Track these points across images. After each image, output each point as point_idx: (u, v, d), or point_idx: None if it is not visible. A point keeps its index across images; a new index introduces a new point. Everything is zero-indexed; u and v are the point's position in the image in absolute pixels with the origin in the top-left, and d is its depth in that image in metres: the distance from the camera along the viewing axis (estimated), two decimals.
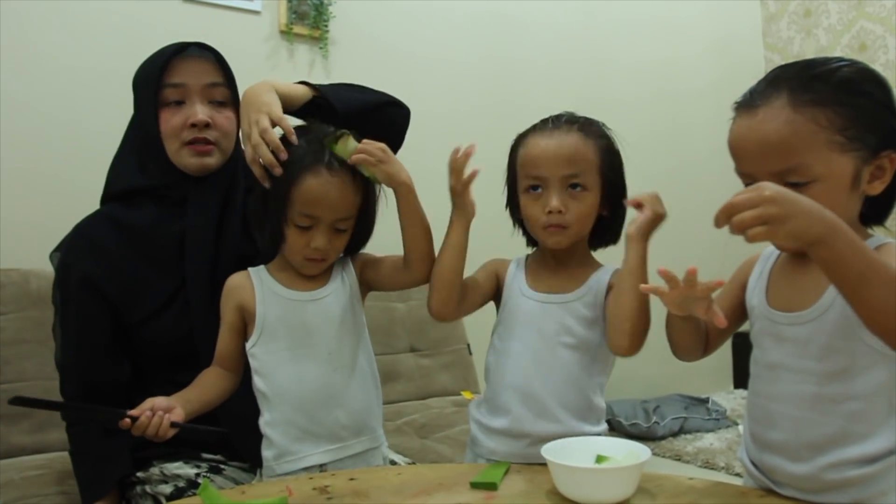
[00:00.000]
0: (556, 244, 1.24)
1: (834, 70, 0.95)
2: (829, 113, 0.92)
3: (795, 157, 0.92)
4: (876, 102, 0.94)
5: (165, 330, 1.38)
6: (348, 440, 1.24)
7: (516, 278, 1.29)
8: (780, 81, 0.96)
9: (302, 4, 2.53)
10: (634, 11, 3.38)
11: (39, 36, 2.10)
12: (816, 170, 0.92)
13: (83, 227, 1.43)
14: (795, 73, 0.96)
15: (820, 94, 0.92)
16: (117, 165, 1.47)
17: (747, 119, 0.96)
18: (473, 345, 2.49)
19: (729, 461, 2.48)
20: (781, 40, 3.73)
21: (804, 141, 0.92)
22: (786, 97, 0.93)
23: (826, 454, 0.94)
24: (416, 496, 1.04)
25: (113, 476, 1.34)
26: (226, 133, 1.40)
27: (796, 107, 0.93)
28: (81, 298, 1.37)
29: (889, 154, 0.94)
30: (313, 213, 1.20)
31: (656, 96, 3.45)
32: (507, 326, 1.27)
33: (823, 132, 0.92)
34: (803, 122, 0.92)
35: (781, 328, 0.99)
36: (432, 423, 2.15)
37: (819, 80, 0.94)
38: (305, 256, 1.23)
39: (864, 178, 0.94)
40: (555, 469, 1.00)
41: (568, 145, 1.21)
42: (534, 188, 1.23)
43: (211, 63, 1.39)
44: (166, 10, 2.29)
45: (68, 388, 1.40)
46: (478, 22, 2.95)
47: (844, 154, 0.92)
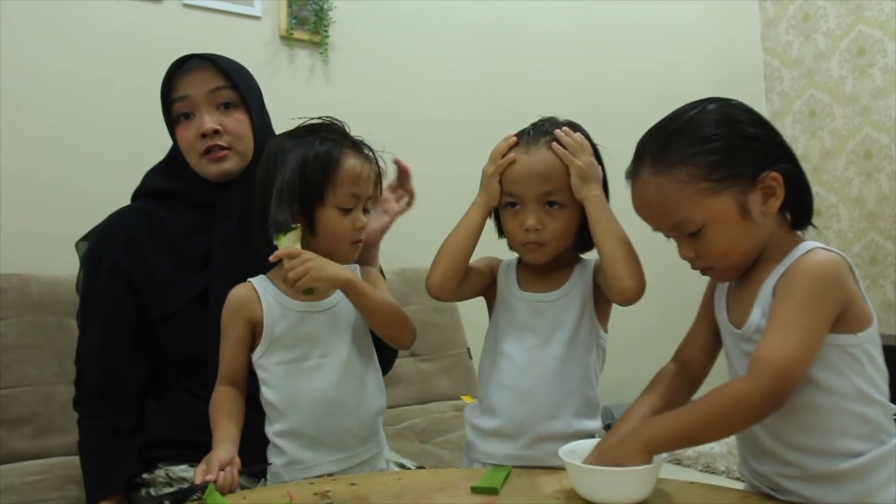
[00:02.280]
0: (535, 260, 1.25)
1: (683, 125, 1.01)
2: (689, 168, 0.98)
3: (676, 215, 1.00)
4: (731, 139, 0.99)
5: (181, 332, 1.39)
6: (357, 448, 1.25)
7: (508, 280, 1.30)
8: (643, 152, 1.04)
9: (302, 10, 2.53)
10: (633, 16, 3.39)
11: (39, 41, 2.10)
12: (698, 218, 0.99)
13: (118, 217, 1.45)
14: (651, 140, 1.04)
15: (673, 156, 0.99)
16: (156, 169, 1.51)
17: (633, 189, 1.05)
18: (473, 349, 2.49)
19: (729, 465, 2.48)
20: (780, 44, 3.74)
21: (675, 200, 0.99)
22: (648, 166, 1.02)
23: (810, 453, 0.96)
24: (416, 501, 1.04)
25: (121, 476, 1.35)
26: (238, 135, 1.42)
27: (658, 174, 1.00)
28: (111, 286, 1.39)
29: (768, 174, 0.98)
30: (357, 192, 1.23)
31: (656, 100, 3.42)
32: (500, 328, 1.27)
33: (689, 185, 0.98)
34: (667, 184, 0.99)
35: (740, 344, 1.02)
36: (432, 427, 2.15)
37: (671, 139, 1.01)
38: (352, 240, 1.25)
39: (753, 205, 0.98)
40: (573, 470, 1.01)
41: (543, 162, 1.21)
42: (512, 205, 1.24)
43: (210, 69, 1.41)
44: (167, 16, 2.29)
45: (88, 377, 1.40)
46: (478, 27, 2.95)
47: (719, 196, 0.98)
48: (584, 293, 1.24)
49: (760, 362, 0.91)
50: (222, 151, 1.39)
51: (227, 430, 1.20)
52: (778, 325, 0.92)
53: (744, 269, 1.03)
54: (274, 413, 1.23)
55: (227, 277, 1.36)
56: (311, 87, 2.56)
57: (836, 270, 0.94)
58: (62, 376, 1.71)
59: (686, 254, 1.03)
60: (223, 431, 1.20)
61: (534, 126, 1.26)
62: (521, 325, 1.25)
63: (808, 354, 0.91)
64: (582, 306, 1.23)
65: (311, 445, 1.21)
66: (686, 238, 1.02)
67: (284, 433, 1.21)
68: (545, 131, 1.24)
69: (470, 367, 2.49)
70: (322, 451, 1.22)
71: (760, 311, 0.98)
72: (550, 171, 1.20)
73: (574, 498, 1.01)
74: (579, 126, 1.28)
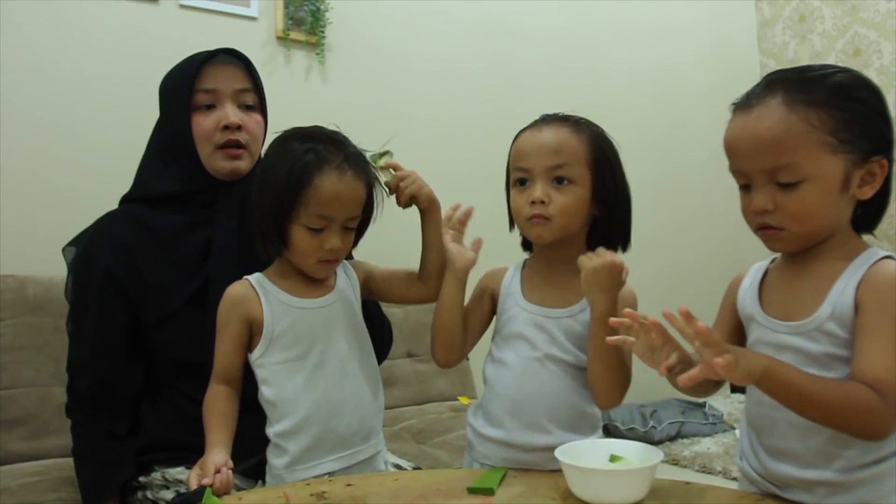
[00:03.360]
0: (539, 237, 1.21)
1: (829, 75, 0.97)
2: (822, 114, 0.94)
3: (787, 156, 0.94)
4: (868, 108, 0.96)
5: (177, 336, 1.38)
6: (358, 445, 1.24)
7: (513, 285, 1.27)
8: (775, 83, 0.98)
9: (298, 10, 2.53)
10: (630, 17, 3.39)
11: (35, 41, 2.10)
12: (807, 169, 0.94)
13: (106, 222, 1.43)
14: (791, 76, 0.98)
15: (813, 96, 0.94)
16: (143, 171, 1.49)
17: (743, 117, 0.99)
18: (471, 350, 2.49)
19: (726, 465, 2.48)
20: (776, 45, 3.74)
21: (796, 139, 0.94)
22: (780, 97, 0.96)
23: (835, 458, 0.95)
24: (413, 502, 1.04)
25: (117, 481, 1.34)
26: (255, 137, 1.44)
27: (790, 106, 0.95)
28: (102, 292, 1.37)
29: (879, 160, 0.96)
30: (328, 214, 1.19)
31: (652, 101, 3.46)
32: (503, 336, 1.25)
33: (815, 132, 0.93)
34: (796, 121, 0.94)
35: (781, 337, 0.99)
36: (429, 428, 2.14)
37: (814, 82, 0.96)
38: (319, 259, 1.22)
39: (854, 182, 0.96)
40: (568, 471, 1.01)
41: (554, 137, 1.20)
42: (521, 182, 1.22)
43: (240, 69, 1.43)
44: (164, 16, 2.29)
45: (80, 385, 1.39)
46: (474, 28, 2.95)
47: (836, 155, 0.94)
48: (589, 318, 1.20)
49: (885, 384, 0.88)
50: (239, 150, 1.40)
51: (220, 432, 1.20)
52: (887, 345, 0.89)
53: (810, 243, 0.99)
54: (275, 412, 1.22)
55: (224, 278, 1.35)
56: (307, 87, 2.56)
57: None
58: (58, 378, 1.71)
59: (764, 204, 0.97)
60: (217, 434, 1.19)
61: (544, 115, 1.26)
62: (521, 336, 1.22)
63: None
64: (587, 329, 1.19)
65: (314, 444, 1.20)
66: (773, 187, 0.96)
67: (286, 433, 1.20)
68: (558, 117, 1.24)
69: (467, 369, 2.49)
70: (324, 449, 1.21)
71: (831, 308, 0.95)
72: (561, 145, 1.19)
73: (570, 498, 1.01)
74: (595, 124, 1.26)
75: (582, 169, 1.19)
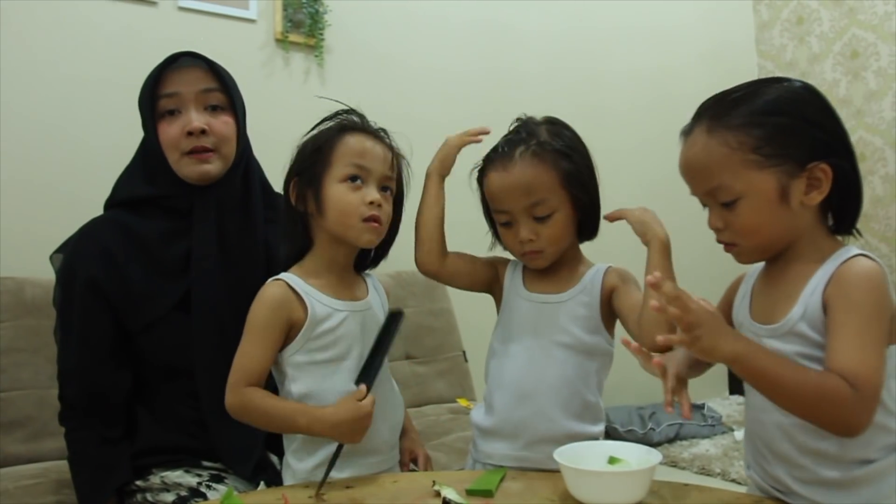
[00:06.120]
0: (538, 266, 1.26)
1: (752, 94, 1.01)
2: (741, 135, 0.98)
3: (715, 178, 1.00)
4: (795, 119, 0.98)
5: (162, 342, 1.38)
6: (386, 453, 1.24)
7: (513, 280, 1.30)
8: (702, 112, 1.04)
9: (297, 13, 2.53)
10: (628, 19, 3.40)
11: (35, 44, 2.10)
12: (738, 188, 0.98)
13: (89, 230, 1.41)
14: (715, 102, 1.04)
15: (732, 119, 0.99)
16: (125, 177, 1.47)
17: (682, 146, 1.06)
18: (469, 352, 2.49)
19: (725, 467, 2.48)
20: (774, 48, 3.75)
21: (718, 163, 0.99)
22: (705, 124, 1.02)
23: (824, 457, 0.95)
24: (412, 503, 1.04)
25: (112, 484, 1.33)
26: (224, 138, 1.39)
27: (711, 132, 1.01)
28: (86, 301, 1.36)
29: (817, 165, 0.97)
30: (362, 163, 1.20)
31: (650, 104, 3.46)
32: (505, 328, 1.28)
33: (736, 153, 0.98)
34: (716, 146, 0.99)
35: (763, 340, 1.00)
36: (428, 430, 2.14)
37: (733, 105, 1.00)
38: (362, 216, 1.17)
39: (794, 192, 0.97)
40: (567, 472, 1.01)
41: (522, 175, 1.21)
42: (505, 224, 1.25)
43: (203, 70, 1.39)
44: (162, 19, 2.29)
45: (69, 394, 1.38)
46: (472, 30, 2.96)
47: (763, 171, 0.97)
48: (591, 298, 1.24)
49: (858, 379, 0.88)
50: (207, 153, 1.36)
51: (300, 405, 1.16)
52: (856, 340, 0.91)
53: (767, 254, 1.03)
54: None
55: (207, 283, 1.35)
56: (306, 89, 2.56)
57: (885, 280, 0.94)
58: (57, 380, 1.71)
59: (714, 223, 1.03)
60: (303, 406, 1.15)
61: (507, 140, 1.26)
62: (524, 325, 1.25)
63: (883, 369, 0.91)
64: (588, 311, 1.23)
65: (347, 450, 1.14)
66: (719, 207, 1.01)
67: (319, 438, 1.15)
68: (520, 140, 1.23)
69: (466, 370, 2.49)
70: (356, 456, 1.17)
71: (803, 308, 0.96)
72: (531, 183, 1.20)
73: (569, 500, 1.01)
74: (563, 123, 1.28)
75: (558, 195, 1.21)
